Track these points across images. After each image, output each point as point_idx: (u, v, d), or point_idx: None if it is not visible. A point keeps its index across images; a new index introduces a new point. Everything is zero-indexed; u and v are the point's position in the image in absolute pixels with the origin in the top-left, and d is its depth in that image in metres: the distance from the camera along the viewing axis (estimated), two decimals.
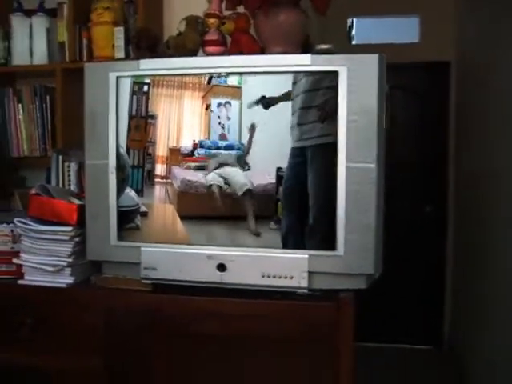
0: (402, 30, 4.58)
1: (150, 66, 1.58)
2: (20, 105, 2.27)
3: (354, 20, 5.00)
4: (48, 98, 2.26)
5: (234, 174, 1.56)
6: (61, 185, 2.05)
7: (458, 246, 4.16)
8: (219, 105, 1.55)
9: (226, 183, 1.56)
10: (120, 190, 1.61)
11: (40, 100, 2.26)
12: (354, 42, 4.96)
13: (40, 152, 2.26)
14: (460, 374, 3.63)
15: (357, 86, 1.46)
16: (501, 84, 2.94)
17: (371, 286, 1.56)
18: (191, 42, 1.60)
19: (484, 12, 3.41)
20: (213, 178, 1.57)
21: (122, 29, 2.06)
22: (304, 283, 1.51)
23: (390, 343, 4.35)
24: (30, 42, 2.25)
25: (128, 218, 1.62)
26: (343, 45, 4.54)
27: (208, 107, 1.55)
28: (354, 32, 5.11)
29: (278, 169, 1.51)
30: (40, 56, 2.24)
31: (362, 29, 4.93)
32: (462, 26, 4.09)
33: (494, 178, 3.06)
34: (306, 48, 1.64)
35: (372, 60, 1.47)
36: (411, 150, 4.46)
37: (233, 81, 1.54)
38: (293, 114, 1.50)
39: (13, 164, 2.29)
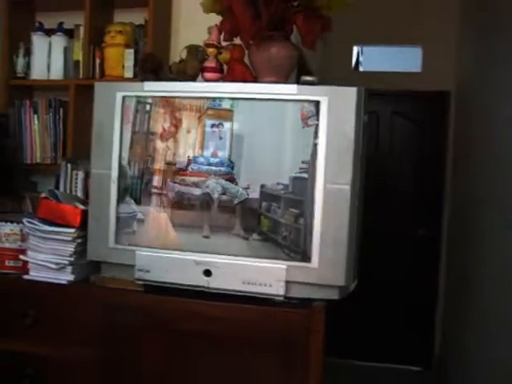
0: (406, 60, 4.74)
1: (153, 88, 1.74)
2: (36, 115, 2.43)
3: (362, 48, 5.18)
4: (61, 110, 2.42)
5: (231, 185, 1.72)
6: (68, 191, 2.21)
7: (449, 268, 4.22)
8: (213, 125, 1.72)
9: (223, 192, 1.73)
10: (120, 198, 1.78)
11: (54, 112, 2.42)
12: (361, 69, 5.13)
13: (51, 160, 2.42)
14: None
15: (336, 115, 1.61)
16: (496, 113, 3.04)
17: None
18: (191, 68, 1.77)
19: (483, 43, 3.52)
20: (212, 185, 1.73)
21: (132, 51, 2.23)
22: (281, 291, 1.65)
23: (381, 363, 4.43)
24: (49, 58, 2.43)
25: (126, 224, 1.79)
26: (348, 72, 4.71)
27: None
28: (361, 59, 5.29)
29: (262, 186, 1.68)
30: (56, 72, 2.41)
31: (368, 57, 5.11)
32: (461, 57, 4.19)
33: (484, 206, 3.14)
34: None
35: (351, 92, 1.63)
36: (409, 175, 4.59)
37: (226, 104, 1.70)
38: None
39: (25, 170, 2.46)
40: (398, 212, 4.53)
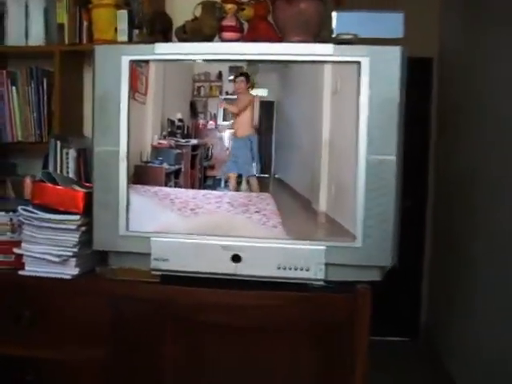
0: (387, 26, 4.61)
1: (166, 50, 1.52)
2: (14, 87, 2.13)
3: (335, 14, 5.00)
4: (45, 81, 2.13)
5: None
6: (59, 172, 1.96)
7: (435, 239, 4.23)
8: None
9: None
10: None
11: (36, 83, 2.12)
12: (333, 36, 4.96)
13: (35, 138, 2.13)
14: (436, 366, 3.67)
15: (379, 78, 1.46)
16: (479, 80, 3.02)
17: None
18: (208, 27, 1.55)
19: (466, 10, 3.48)
20: None
21: (125, 12, 1.97)
22: (321, 275, 1.50)
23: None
24: (26, 22, 2.12)
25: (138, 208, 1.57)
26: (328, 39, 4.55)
27: None
28: (334, 26, 5.11)
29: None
30: (36, 37, 2.11)
31: (344, 23, 4.94)
32: (444, 23, 4.13)
33: (470, 173, 3.14)
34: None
35: (394, 52, 1.48)
36: None
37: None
38: None
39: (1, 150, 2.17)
40: None
